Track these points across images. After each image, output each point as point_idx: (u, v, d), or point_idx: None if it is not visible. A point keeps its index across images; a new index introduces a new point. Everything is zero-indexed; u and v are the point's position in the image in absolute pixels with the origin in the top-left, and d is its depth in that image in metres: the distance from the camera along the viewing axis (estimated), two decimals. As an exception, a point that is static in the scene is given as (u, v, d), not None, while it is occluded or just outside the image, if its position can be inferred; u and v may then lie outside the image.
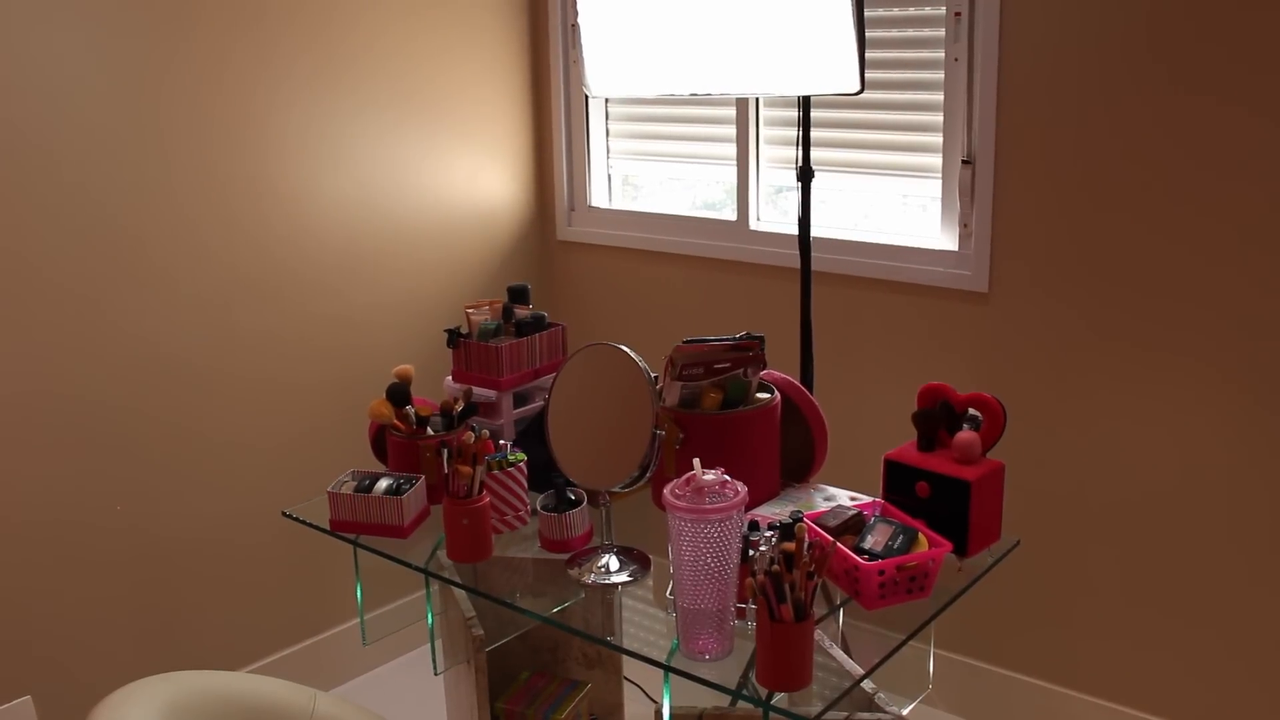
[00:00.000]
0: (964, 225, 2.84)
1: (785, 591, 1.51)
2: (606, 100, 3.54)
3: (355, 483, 2.06)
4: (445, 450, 1.90)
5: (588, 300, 3.66)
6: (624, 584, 1.87)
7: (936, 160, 2.86)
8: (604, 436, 1.86)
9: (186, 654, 3.02)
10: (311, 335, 3.14)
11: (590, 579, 1.88)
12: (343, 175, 3.13)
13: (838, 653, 1.81)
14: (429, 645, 3.51)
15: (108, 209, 2.71)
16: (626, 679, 2.46)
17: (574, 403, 1.90)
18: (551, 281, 3.74)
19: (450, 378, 2.32)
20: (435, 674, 2.42)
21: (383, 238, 3.25)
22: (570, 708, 2.33)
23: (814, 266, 3.10)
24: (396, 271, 3.30)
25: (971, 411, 1.93)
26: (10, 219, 2.56)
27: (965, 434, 1.88)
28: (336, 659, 3.32)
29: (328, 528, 2.07)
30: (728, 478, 1.63)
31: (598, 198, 3.62)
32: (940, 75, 2.81)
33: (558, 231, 3.68)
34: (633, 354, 1.83)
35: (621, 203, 3.61)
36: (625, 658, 2.42)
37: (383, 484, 2.04)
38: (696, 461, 1.64)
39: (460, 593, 2.25)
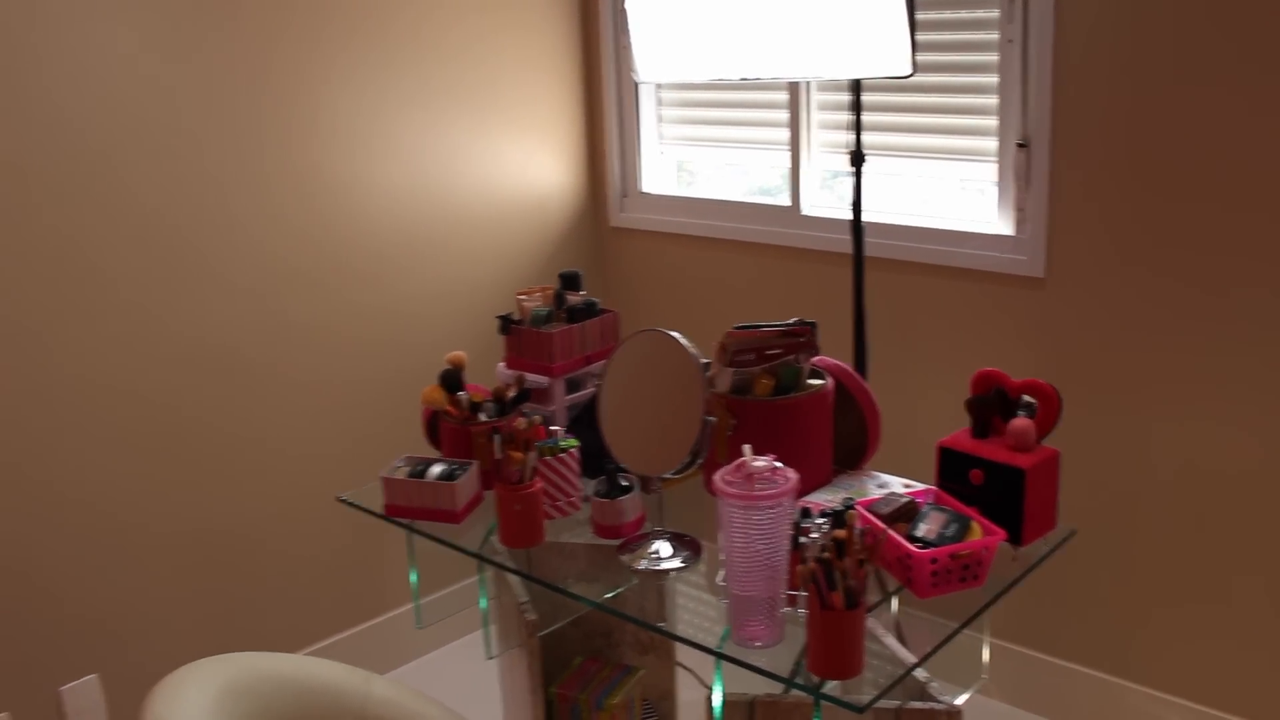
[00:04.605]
0: (1019, 209, 2.80)
1: (836, 579, 1.51)
2: (658, 85, 3.53)
3: (409, 468, 2.07)
4: (497, 436, 1.91)
5: (640, 287, 3.66)
6: (675, 570, 1.88)
7: (990, 143, 2.83)
8: (656, 423, 1.86)
9: (246, 637, 3.07)
10: (365, 324, 3.16)
11: (642, 565, 1.89)
12: (394, 164, 3.15)
13: (890, 641, 1.81)
14: (482, 630, 3.53)
15: (158, 204, 2.75)
16: (679, 665, 2.47)
17: (626, 389, 1.90)
18: (603, 268, 3.75)
19: (503, 364, 2.33)
20: (488, 658, 2.43)
21: (435, 226, 3.27)
22: (623, 693, 2.33)
23: (867, 252, 3.08)
24: (449, 260, 3.31)
25: (1026, 398, 1.91)
26: (65, 218, 2.60)
27: (1020, 421, 1.86)
28: (391, 643, 3.36)
29: (382, 513, 2.09)
30: (778, 464, 1.63)
31: (649, 184, 3.62)
32: (994, 57, 2.78)
33: (610, 218, 3.68)
34: (684, 340, 1.82)
35: (674, 189, 3.60)
36: (678, 644, 2.43)
37: (436, 469, 2.05)
38: (747, 448, 1.64)
39: (513, 578, 2.27)
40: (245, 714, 1.75)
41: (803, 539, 1.66)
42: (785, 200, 3.28)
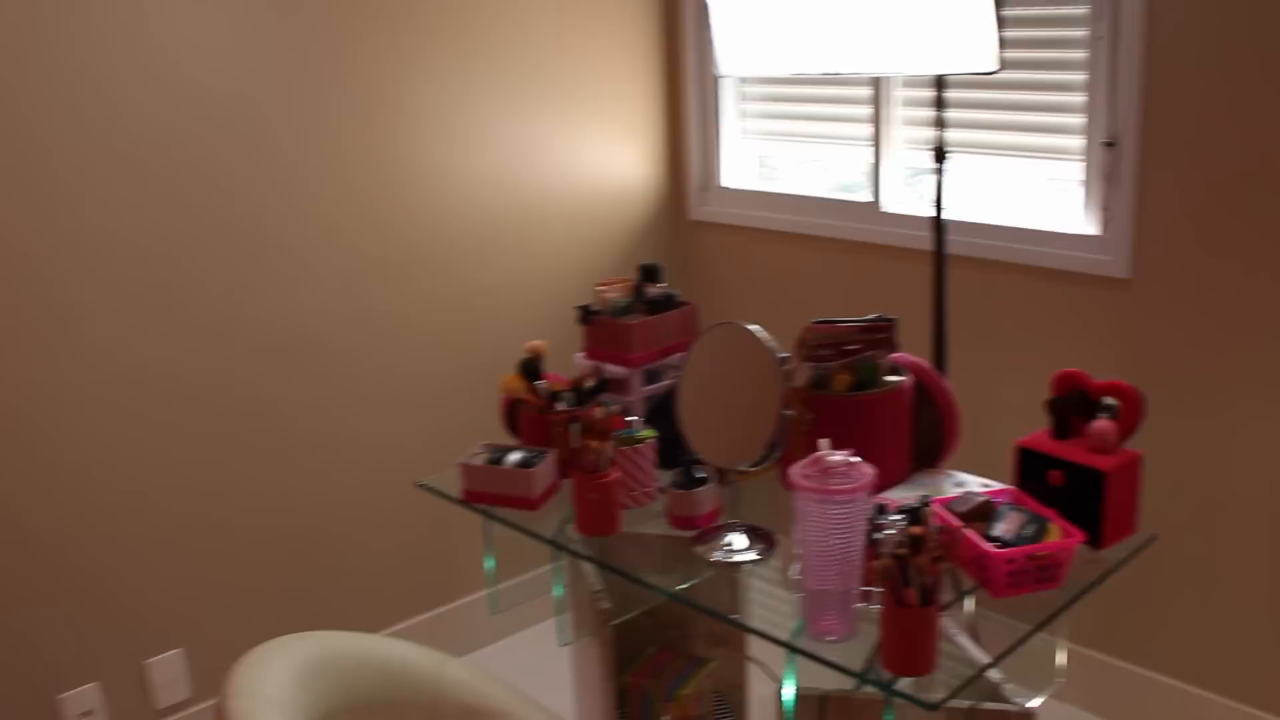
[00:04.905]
0: (1105, 209, 2.77)
1: (911, 575, 1.51)
2: (740, 79, 3.53)
3: (487, 455, 2.10)
4: (575, 425, 1.93)
5: (718, 280, 3.66)
6: (750, 563, 1.88)
7: (1076, 142, 2.80)
8: (733, 415, 1.87)
9: (323, 618, 3.12)
10: (446, 313, 3.20)
11: (716, 557, 1.90)
12: (476, 155, 3.19)
13: (964, 640, 1.80)
14: (556, 618, 3.56)
15: (241, 194, 2.80)
16: (750, 659, 2.47)
17: (704, 381, 1.91)
18: (682, 261, 3.76)
19: (581, 354, 2.35)
20: (561, 645, 2.46)
21: (516, 217, 3.30)
22: (695, 684, 2.34)
23: (948, 249, 3.05)
24: (529, 250, 3.35)
25: (1108, 400, 1.89)
26: (151, 209, 2.66)
27: (1101, 423, 1.85)
28: (465, 628, 3.40)
29: (460, 498, 2.12)
30: (855, 459, 1.63)
31: (730, 178, 3.62)
32: (1081, 54, 2.74)
33: (689, 211, 3.69)
34: (762, 334, 1.83)
35: (754, 183, 3.60)
36: (750, 637, 2.43)
37: (514, 456, 2.08)
38: (824, 442, 1.64)
39: (588, 566, 2.29)
40: (324, 689, 1.79)
41: (878, 535, 1.66)
42: (866, 196, 3.27)
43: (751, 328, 1.84)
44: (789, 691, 1.83)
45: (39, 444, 2.59)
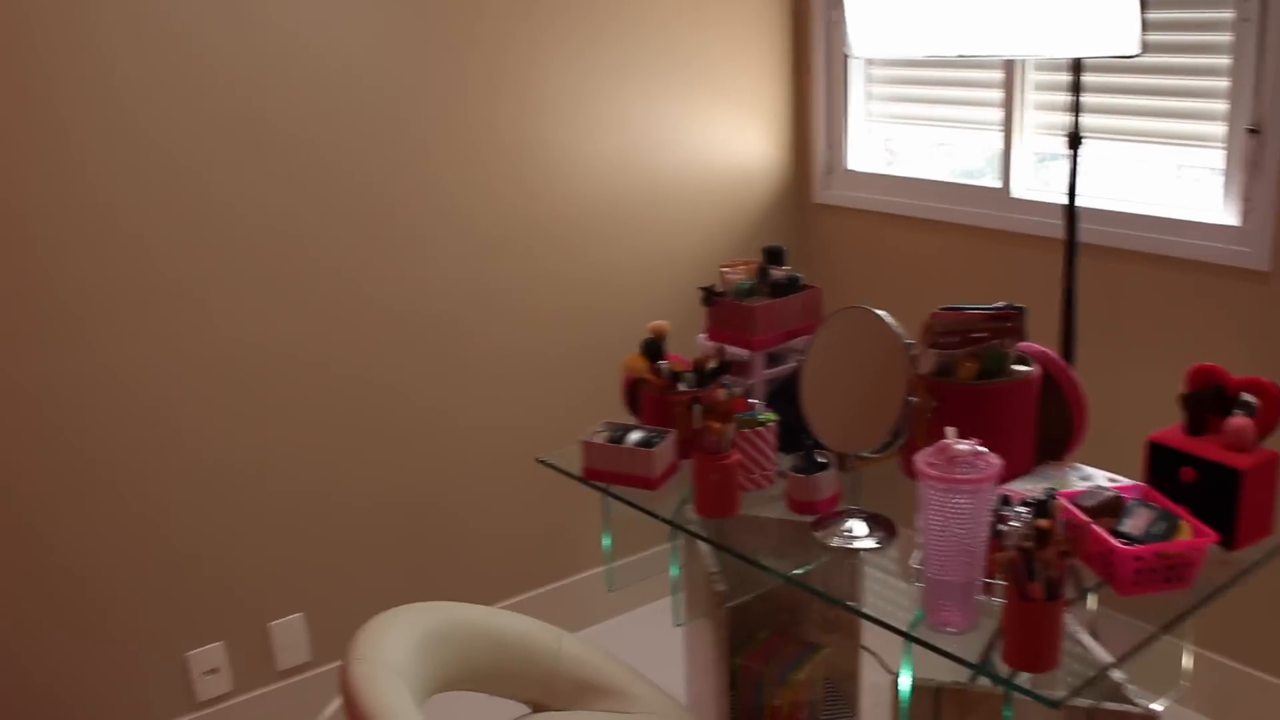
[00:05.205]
0: (1246, 199, 2.67)
1: (1036, 569, 1.48)
2: (868, 61, 3.49)
3: (608, 433, 2.11)
4: (698, 406, 1.93)
5: (841, 264, 3.63)
6: (869, 550, 1.87)
7: (1217, 128, 2.70)
8: (856, 401, 1.86)
9: (440, 589, 3.18)
10: (566, 292, 3.23)
11: (835, 543, 1.88)
12: (600, 134, 3.20)
13: (1086, 638, 1.76)
14: (670, 597, 3.58)
15: (363, 173, 2.84)
16: (864, 647, 2.46)
17: (828, 365, 1.90)
18: (805, 244, 3.73)
19: (703, 335, 2.35)
20: (676, 625, 2.46)
21: (638, 197, 3.31)
22: (807, 670, 2.34)
23: (1079, 238, 2.98)
24: (651, 231, 3.35)
25: (1245, 396, 1.83)
26: (273, 189, 2.72)
27: (1238, 419, 1.79)
28: (579, 604, 3.43)
29: (580, 475, 2.14)
30: (982, 449, 1.60)
31: (855, 161, 3.58)
32: (1226, 37, 2.65)
33: (813, 194, 3.66)
34: (890, 319, 1.81)
35: (880, 167, 3.56)
36: (864, 625, 2.42)
37: (634, 436, 2.09)
38: (951, 430, 1.62)
39: (704, 548, 2.29)
40: (442, 659, 1.82)
41: (1002, 526, 1.64)
42: (994, 182, 3.21)
43: (879, 313, 1.82)
44: (905, 681, 1.82)
45: (174, 419, 2.68)
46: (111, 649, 2.73)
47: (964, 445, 1.60)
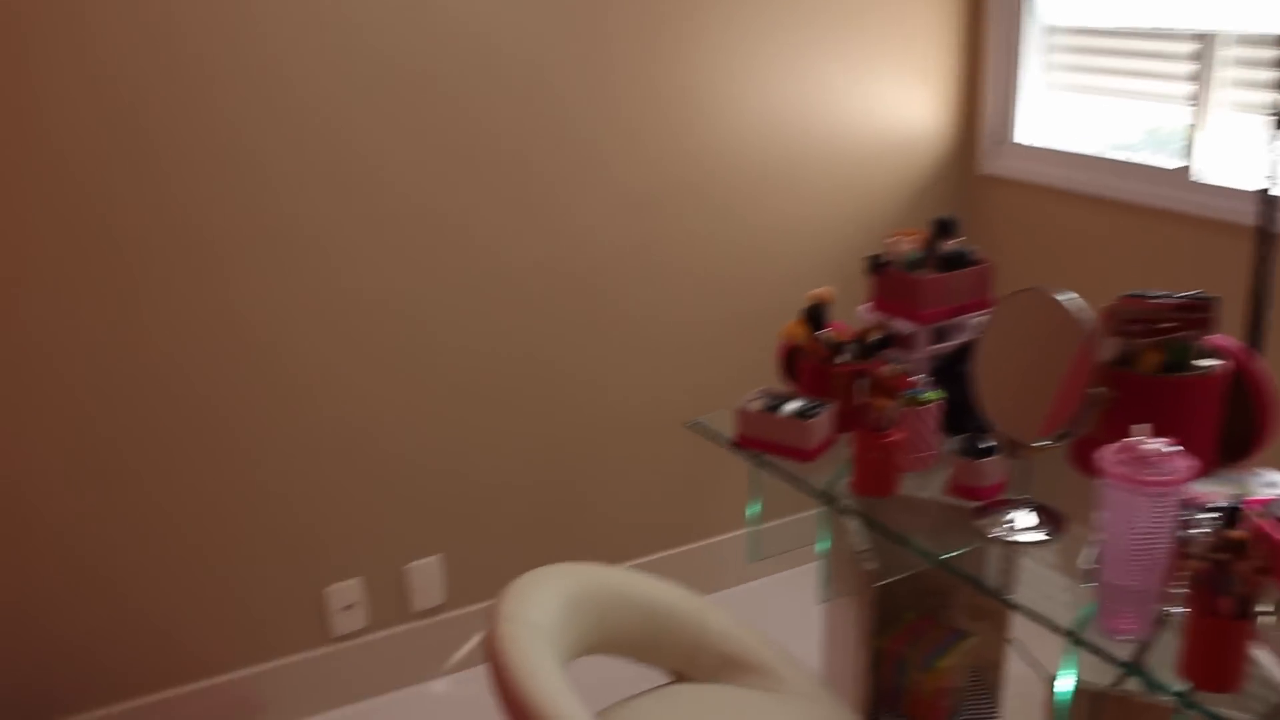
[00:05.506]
0: None
1: (1228, 583, 1.38)
2: (1049, 28, 3.33)
3: (764, 401, 2.05)
4: (863, 380, 1.86)
5: (1005, 239, 3.49)
6: (1036, 543, 1.78)
7: None
8: (1032, 387, 1.76)
9: (575, 543, 3.17)
10: (716, 255, 3.15)
11: (998, 532, 1.80)
12: (755, 91, 3.09)
13: (1269, 660, 1.65)
14: (802, 567, 3.51)
15: (510, 135, 2.80)
16: (1011, 640, 2.37)
17: (1003, 347, 1.81)
18: (967, 217, 3.59)
19: (867, 305, 2.26)
20: (821, 603, 2.40)
21: (793, 158, 3.20)
22: (954, 657, 2.26)
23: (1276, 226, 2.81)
24: (804, 195, 3.25)
25: None
26: (415, 150, 2.70)
27: None
28: (713, 566, 3.39)
29: (733, 442, 2.09)
30: (1172, 448, 1.50)
31: (1026, 132, 3.43)
32: None
33: (979, 165, 3.52)
34: (1076, 304, 1.71)
35: (1053, 140, 3.40)
36: (1013, 617, 2.33)
37: (792, 406, 2.03)
38: (1142, 428, 1.52)
39: (853, 525, 2.22)
40: (587, 623, 1.79)
41: (1186, 533, 1.54)
42: (1177, 162, 3.04)
43: (1064, 297, 1.72)
44: (1066, 683, 1.73)
45: (322, 362, 2.70)
46: (253, 579, 2.77)
47: (1153, 444, 1.50)
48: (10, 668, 2.59)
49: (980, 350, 1.84)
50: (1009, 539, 1.80)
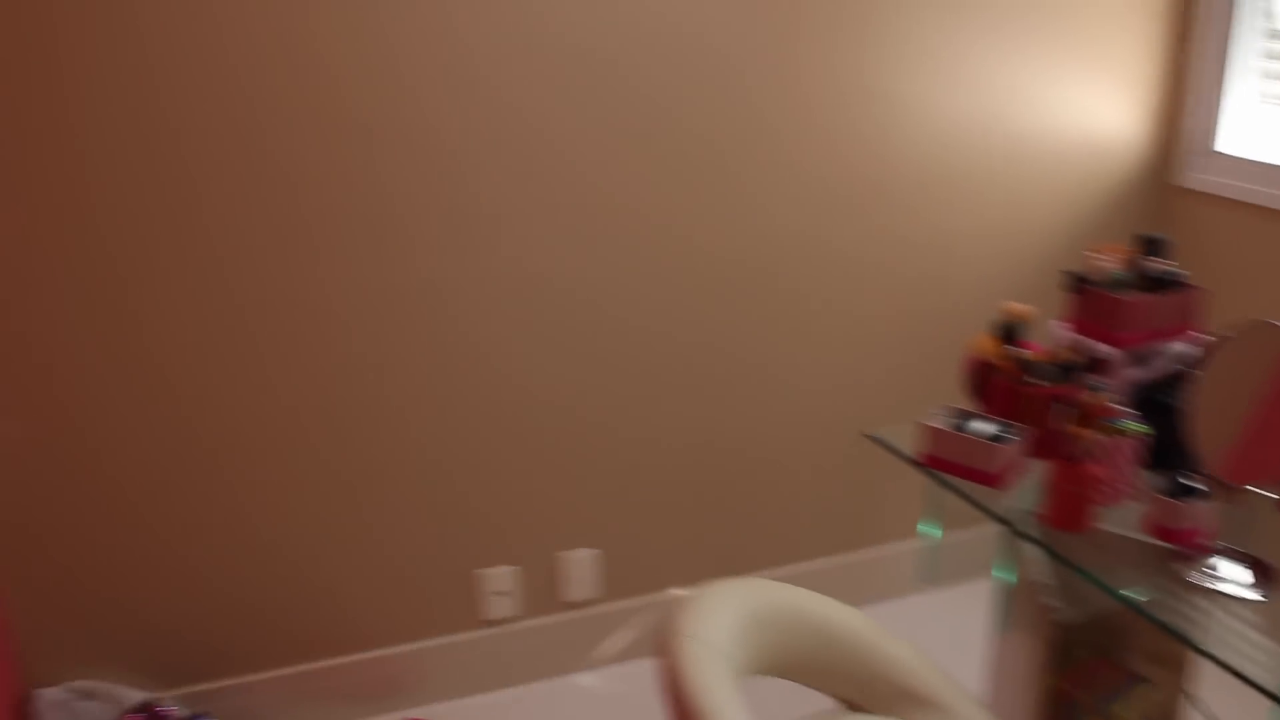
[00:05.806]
0: None
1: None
2: (1270, 32, 3.12)
3: (952, 419, 1.96)
4: (1062, 406, 1.75)
5: (1206, 260, 3.27)
6: (1246, 600, 1.65)
7: None
8: (1256, 429, 1.63)
9: (737, 544, 3.10)
10: (904, 255, 3.04)
11: (1204, 581, 1.68)
12: (948, 89, 2.95)
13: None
14: (976, 587, 3.38)
15: (695, 125, 2.72)
16: (1189, 693, 2.22)
17: (1226, 383, 1.68)
18: (1159, 230, 3.40)
19: (1062, 324, 2.14)
20: (998, 634, 2.29)
21: (983, 161, 3.06)
22: (1133, 705, 2.13)
23: None
24: (994, 200, 3.11)
25: None
26: (597, 137, 2.64)
27: None
28: (874, 577, 3.29)
29: (914, 459, 1.99)
30: None
31: (1234, 144, 3.22)
32: None
33: (1179, 177, 3.32)
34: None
35: (1266, 153, 3.19)
36: (1193, 670, 2.19)
37: (980, 426, 1.92)
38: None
39: (1034, 557, 2.11)
40: (765, 643, 1.73)
41: None
42: (1405, 186, 2.82)
43: (1298, 333, 1.59)
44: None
45: (485, 344, 2.68)
46: (405, 559, 2.78)
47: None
48: (194, 625, 2.66)
49: (1200, 383, 1.72)
50: (1214, 587, 1.67)
